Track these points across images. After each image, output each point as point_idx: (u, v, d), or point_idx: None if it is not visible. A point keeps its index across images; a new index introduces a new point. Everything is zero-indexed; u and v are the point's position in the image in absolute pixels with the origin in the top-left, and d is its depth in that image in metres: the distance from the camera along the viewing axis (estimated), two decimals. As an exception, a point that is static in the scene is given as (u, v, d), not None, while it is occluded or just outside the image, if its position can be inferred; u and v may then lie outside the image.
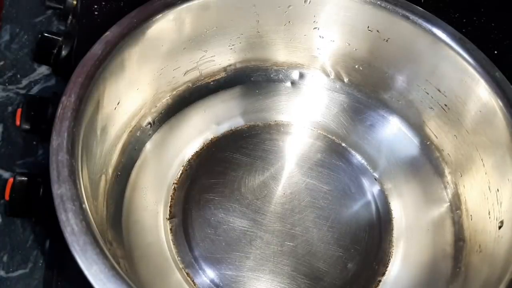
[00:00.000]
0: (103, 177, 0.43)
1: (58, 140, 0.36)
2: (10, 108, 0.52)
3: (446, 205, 0.48)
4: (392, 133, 0.52)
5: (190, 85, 0.51)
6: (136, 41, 0.43)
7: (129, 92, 0.45)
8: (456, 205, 0.48)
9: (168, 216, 0.47)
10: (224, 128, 0.52)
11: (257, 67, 0.53)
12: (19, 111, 0.49)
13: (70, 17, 0.55)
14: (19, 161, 0.50)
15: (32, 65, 0.55)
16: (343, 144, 0.53)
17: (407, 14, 0.46)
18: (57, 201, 0.33)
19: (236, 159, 0.51)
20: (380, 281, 0.47)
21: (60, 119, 0.37)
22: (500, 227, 0.42)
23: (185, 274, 0.45)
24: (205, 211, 0.47)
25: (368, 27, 0.48)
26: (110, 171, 0.45)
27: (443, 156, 0.49)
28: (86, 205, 0.34)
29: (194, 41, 0.48)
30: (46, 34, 0.53)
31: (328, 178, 0.51)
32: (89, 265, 0.31)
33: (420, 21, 0.46)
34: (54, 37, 0.52)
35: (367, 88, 0.53)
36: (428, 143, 0.50)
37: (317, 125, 0.54)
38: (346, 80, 0.53)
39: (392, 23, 0.47)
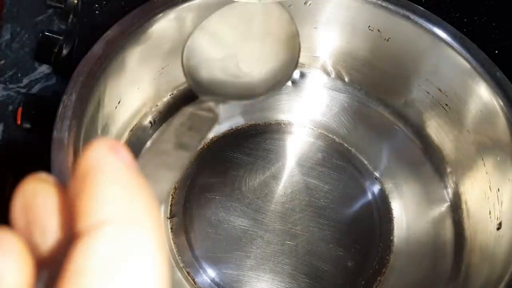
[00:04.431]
0: (104, 176, 0.43)
1: (59, 139, 0.36)
2: (11, 107, 0.52)
3: (446, 204, 0.48)
4: (393, 132, 0.52)
5: (191, 84, 0.51)
6: (137, 40, 0.43)
7: (130, 91, 0.45)
8: (456, 204, 0.48)
9: (168, 215, 0.47)
10: (224, 127, 0.52)
11: (258, 66, 0.53)
12: (20, 110, 0.49)
13: (71, 16, 0.55)
14: (20, 160, 0.50)
15: (33, 64, 0.55)
16: (344, 144, 0.53)
17: (408, 13, 0.46)
18: (58, 200, 0.33)
19: (237, 158, 0.51)
20: (380, 280, 0.47)
21: (61, 118, 0.37)
22: (498, 229, 0.43)
23: (186, 273, 0.45)
24: (206, 210, 0.47)
25: (369, 26, 0.48)
26: (111, 170, 0.44)
27: (444, 155, 0.49)
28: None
29: (195, 40, 0.48)
30: (47, 33, 0.53)
31: (329, 178, 0.51)
32: (90, 264, 0.31)
33: (421, 20, 0.46)
34: (55, 36, 0.52)
35: (368, 87, 0.53)
36: (428, 142, 0.50)
37: (317, 124, 0.54)
38: (347, 79, 0.53)
39: (393, 23, 0.47)
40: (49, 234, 0.18)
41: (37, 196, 0.18)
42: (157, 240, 0.16)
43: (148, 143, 0.49)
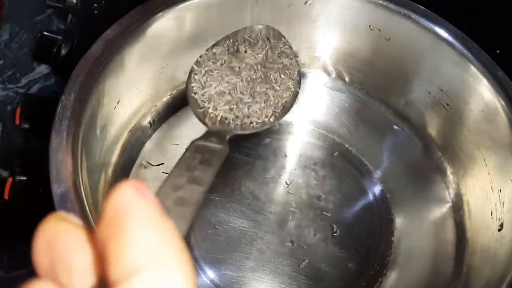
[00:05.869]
0: (102, 176, 0.43)
1: (58, 140, 0.36)
2: (9, 107, 0.52)
3: (448, 205, 0.48)
4: (394, 132, 0.52)
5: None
6: (136, 40, 0.43)
7: (129, 91, 0.45)
8: (458, 205, 0.48)
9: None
10: (224, 127, 0.52)
11: (258, 66, 0.53)
12: (18, 110, 0.48)
13: (70, 16, 0.55)
14: (18, 160, 0.49)
15: (31, 64, 0.55)
16: (345, 144, 0.53)
17: (408, 13, 0.46)
18: (56, 201, 0.33)
19: (237, 158, 0.50)
20: (381, 281, 0.46)
21: (59, 118, 0.37)
22: (499, 230, 0.42)
23: (185, 274, 0.45)
24: (205, 211, 0.47)
25: (369, 26, 0.48)
26: (110, 170, 0.44)
27: (445, 156, 0.49)
28: (85, 204, 0.34)
29: (195, 40, 0.48)
30: (45, 33, 0.52)
31: (329, 178, 0.50)
32: (89, 265, 0.31)
33: (422, 20, 0.46)
34: (53, 36, 0.52)
35: (369, 87, 0.52)
36: (430, 142, 0.50)
37: (318, 124, 0.53)
38: (347, 79, 0.53)
39: (393, 22, 0.47)
40: (74, 273, 0.18)
41: (59, 234, 0.18)
42: (189, 280, 0.16)
43: (147, 144, 0.48)
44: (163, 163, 0.49)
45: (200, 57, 0.41)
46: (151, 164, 0.48)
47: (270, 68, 0.41)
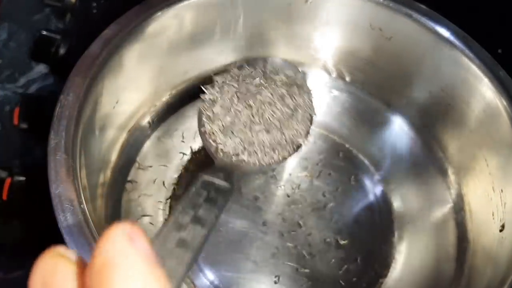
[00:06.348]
0: (101, 177, 0.43)
1: (56, 140, 0.36)
2: (7, 107, 0.52)
3: (449, 206, 0.48)
4: (395, 132, 0.52)
5: (190, 84, 0.51)
6: (135, 39, 0.42)
7: (128, 91, 0.45)
8: (459, 206, 0.47)
9: (167, 217, 0.47)
10: (224, 127, 0.52)
11: (258, 65, 0.53)
12: (16, 110, 0.48)
13: (68, 15, 0.55)
14: (17, 160, 0.49)
15: (30, 63, 0.54)
16: (345, 144, 0.52)
17: (410, 12, 0.46)
18: (55, 201, 0.33)
19: (237, 159, 0.50)
20: (382, 282, 0.46)
21: (58, 118, 0.37)
22: (501, 230, 0.42)
23: (185, 275, 0.44)
24: (205, 212, 0.47)
25: (370, 25, 0.48)
26: (109, 171, 0.44)
27: (447, 156, 0.49)
28: (84, 205, 0.34)
29: (194, 39, 0.48)
30: (44, 32, 0.52)
31: (330, 178, 0.50)
32: (87, 267, 0.31)
33: (423, 19, 0.46)
34: (52, 35, 0.52)
35: (370, 87, 0.52)
36: (431, 143, 0.50)
37: (318, 124, 0.53)
38: (348, 79, 0.53)
39: (394, 21, 0.47)
40: None
41: (56, 273, 0.18)
42: None
43: (146, 144, 0.48)
44: (162, 164, 0.49)
45: (211, 87, 0.40)
46: (150, 165, 0.48)
47: (284, 105, 0.40)
